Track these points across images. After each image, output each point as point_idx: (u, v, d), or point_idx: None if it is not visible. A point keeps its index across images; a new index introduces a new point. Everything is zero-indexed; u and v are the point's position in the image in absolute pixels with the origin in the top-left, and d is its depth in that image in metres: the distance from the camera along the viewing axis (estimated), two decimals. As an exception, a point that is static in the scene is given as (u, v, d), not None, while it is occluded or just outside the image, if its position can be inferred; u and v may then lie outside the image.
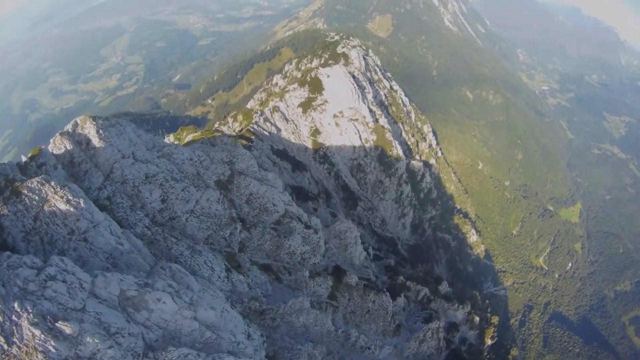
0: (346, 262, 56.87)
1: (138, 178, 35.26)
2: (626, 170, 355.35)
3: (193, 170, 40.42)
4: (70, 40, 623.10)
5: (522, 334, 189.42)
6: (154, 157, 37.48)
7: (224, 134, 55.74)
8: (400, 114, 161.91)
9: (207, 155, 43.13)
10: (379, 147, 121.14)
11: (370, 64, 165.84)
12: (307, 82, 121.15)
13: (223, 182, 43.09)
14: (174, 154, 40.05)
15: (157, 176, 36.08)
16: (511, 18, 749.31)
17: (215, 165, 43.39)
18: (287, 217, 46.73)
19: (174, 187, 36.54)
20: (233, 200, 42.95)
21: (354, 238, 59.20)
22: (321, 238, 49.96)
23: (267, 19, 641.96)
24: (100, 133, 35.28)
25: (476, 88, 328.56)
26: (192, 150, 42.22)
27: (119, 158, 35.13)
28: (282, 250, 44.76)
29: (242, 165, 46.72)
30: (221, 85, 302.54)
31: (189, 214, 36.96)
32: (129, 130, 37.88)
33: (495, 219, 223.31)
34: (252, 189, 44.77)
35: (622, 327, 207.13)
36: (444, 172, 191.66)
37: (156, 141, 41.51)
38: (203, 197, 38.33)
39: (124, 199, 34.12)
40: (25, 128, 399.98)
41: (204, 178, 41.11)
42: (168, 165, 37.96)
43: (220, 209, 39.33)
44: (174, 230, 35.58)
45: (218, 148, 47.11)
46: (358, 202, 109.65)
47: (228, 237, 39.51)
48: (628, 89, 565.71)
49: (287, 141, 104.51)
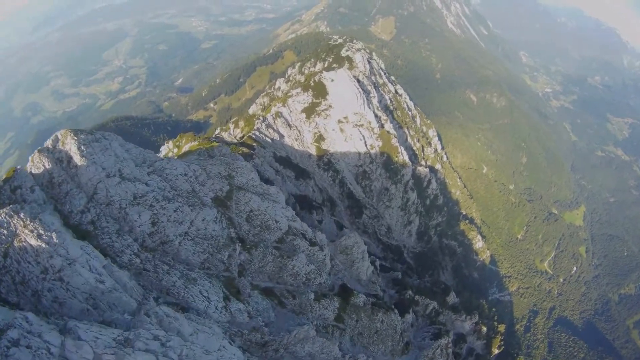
0: (352, 278, 54.25)
1: (125, 199, 32.12)
2: (630, 173, 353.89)
3: (187, 187, 37.63)
4: (72, 44, 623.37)
5: (527, 339, 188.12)
6: (143, 174, 34.47)
7: (222, 144, 52.07)
8: (405, 119, 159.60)
9: (204, 170, 40.37)
10: (384, 154, 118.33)
11: (374, 68, 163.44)
12: (311, 86, 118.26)
13: (221, 199, 40.08)
14: (167, 170, 37.06)
15: (146, 196, 32.91)
16: (513, 20, 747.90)
17: (213, 180, 40.44)
18: (290, 234, 43.63)
19: (165, 207, 33.45)
20: (232, 219, 39.82)
21: (361, 253, 56.34)
22: (327, 255, 47.27)
23: (270, 22, 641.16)
24: (82, 149, 32.17)
25: (480, 91, 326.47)
26: (186, 164, 39.11)
27: (103, 177, 31.95)
28: (286, 272, 41.62)
29: (241, 180, 43.80)
30: (223, 88, 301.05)
31: (182, 237, 33.86)
32: (115, 145, 34.92)
33: (500, 223, 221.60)
34: (252, 206, 41.61)
35: (626, 331, 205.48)
36: (449, 177, 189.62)
37: (147, 155, 38.20)
38: (198, 217, 35.25)
39: (109, 223, 30.99)
40: (27, 131, 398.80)
41: (199, 195, 38.13)
42: (159, 183, 34.98)
43: (217, 229, 36.28)
44: (166, 256, 32.58)
45: (216, 160, 44.10)
46: (363, 210, 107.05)
47: (226, 260, 36.28)
48: (631, 90, 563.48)
49: (291, 148, 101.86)
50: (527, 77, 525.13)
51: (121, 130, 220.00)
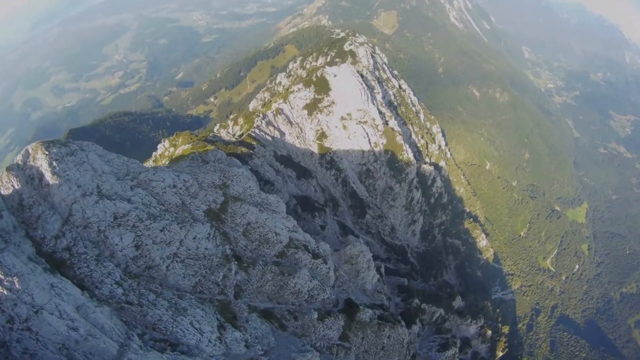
0: (357, 288, 51.12)
1: (104, 220, 28.05)
2: (632, 170, 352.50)
3: (177, 200, 33.84)
4: (72, 39, 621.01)
5: (529, 338, 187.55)
6: (126, 189, 30.62)
7: (216, 148, 47.71)
8: (409, 115, 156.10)
9: (195, 180, 36.57)
10: (388, 151, 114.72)
11: (378, 62, 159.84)
12: (313, 82, 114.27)
13: (214, 212, 36.33)
14: (153, 182, 33.01)
15: (128, 215, 28.89)
16: (516, 15, 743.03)
17: (205, 191, 36.73)
18: (291, 246, 39.94)
19: (150, 227, 29.42)
20: (227, 234, 36.01)
21: (367, 262, 53.00)
22: (331, 268, 43.74)
23: (271, 16, 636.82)
24: (54, 166, 28.00)
25: (483, 86, 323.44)
26: (175, 174, 35.20)
27: (78, 197, 27.89)
28: (287, 291, 38.05)
29: (237, 189, 39.88)
30: (224, 83, 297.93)
31: (170, 260, 29.93)
32: (93, 158, 30.90)
33: (503, 220, 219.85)
34: (249, 218, 37.72)
35: (628, 330, 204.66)
36: (453, 175, 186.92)
37: (131, 166, 34.11)
38: (189, 235, 31.33)
39: (88, 248, 26.97)
40: (27, 127, 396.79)
41: (190, 209, 34.36)
42: (144, 198, 31.16)
43: (210, 247, 32.56)
44: (153, 282, 28.86)
45: (209, 167, 40.15)
46: (367, 210, 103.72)
47: (221, 281, 32.64)
48: (633, 87, 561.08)
49: (292, 146, 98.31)
50: (530, 73, 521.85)
51: (120, 126, 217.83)
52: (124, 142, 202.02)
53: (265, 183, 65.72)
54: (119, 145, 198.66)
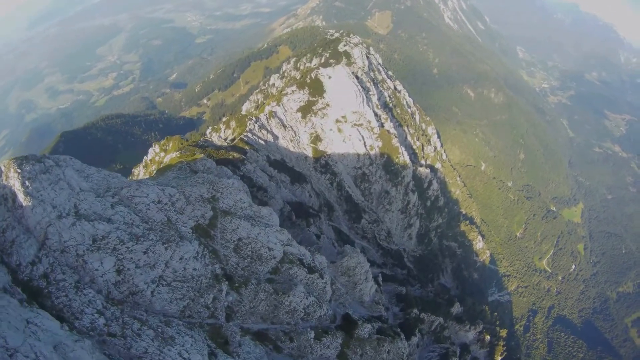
0: (355, 300, 49.32)
1: (82, 244, 25.28)
2: (627, 169, 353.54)
3: (162, 217, 31.22)
4: (67, 40, 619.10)
5: (526, 340, 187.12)
6: (106, 207, 28.03)
7: (206, 157, 44.79)
8: (404, 116, 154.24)
9: (182, 194, 33.98)
10: (384, 155, 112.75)
11: (373, 63, 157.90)
12: (307, 83, 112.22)
13: (203, 228, 33.71)
14: (136, 198, 30.47)
15: (108, 237, 26.19)
16: (510, 15, 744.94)
17: (193, 205, 34.17)
18: (286, 261, 37.69)
19: (132, 250, 26.70)
20: (216, 251, 33.44)
21: (364, 273, 50.91)
22: (327, 282, 41.62)
23: (265, 16, 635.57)
24: (26, 185, 25.23)
25: (478, 86, 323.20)
26: (160, 188, 32.43)
27: (53, 219, 25.21)
28: (281, 310, 35.57)
29: (227, 202, 37.20)
30: (217, 84, 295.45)
31: (155, 284, 27.30)
32: (69, 174, 27.98)
33: (499, 221, 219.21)
34: (241, 233, 35.13)
35: (625, 330, 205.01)
36: (449, 176, 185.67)
37: (112, 181, 31.48)
38: (175, 255, 28.59)
39: (66, 274, 24.44)
40: (22, 129, 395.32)
41: (176, 226, 31.70)
42: (126, 216, 28.53)
43: (199, 267, 29.95)
44: (138, 308, 26.28)
45: (198, 179, 37.39)
46: (362, 215, 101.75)
47: (211, 303, 30.26)
48: (628, 86, 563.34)
49: (285, 150, 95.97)
50: (524, 73, 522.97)
51: (112, 129, 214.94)
52: (116, 144, 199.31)
53: (258, 189, 63.76)
54: (111, 147, 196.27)
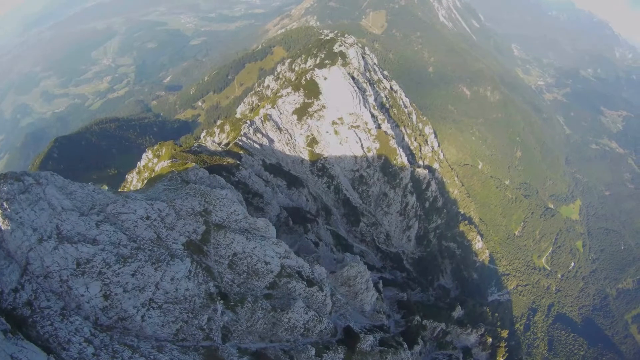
0: (355, 310, 47.77)
1: (65, 269, 23.34)
2: (625, 166, 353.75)
3: (151, 235, 29.08)
4: (62, 43, 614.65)
5: (527, 338, 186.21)
6: (90, 227, 25.91)
7: (197, 166, 42.35)
8: (401, 116, 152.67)
9: (172, 208, 31.94)
10: (382, 156, 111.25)
11: (369, 63, 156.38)
12: (302, 85, 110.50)
13: (195, 244, 31.65)
14: (122, 215, 28.42)
15: (93, 260, 24.11)
16: (504, 13, 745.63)
17: (184, 220, 32.05)
18: (284, 275, 35.75)
19: (119, 273, 24.73)
20: (210, 268, 31.41)
21: (365, 283, 49.43)
22: (327, 295, 39.72)
23: (259, 17, 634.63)
24: (4, 207, 23.35)
25: (473, 85, 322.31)
26: (149, 203, 30.45)
27: (34, 243, 23.18)
28: (280, 327, 33.56)
29: (221, 215, 35.01)
30: (212, 86, 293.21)
31: (146, 308, 25.27)
32: (51, 193, 25.97)
33: (497, 220, 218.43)
34: (235, 248, 33.10)
35: (625, 326, 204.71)
36: (447, 176, 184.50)
37: (97, 197, 29.07)
38: (166, 276, 26.60)
39: (51, 301, 22.62)
40: (17, 134, 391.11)
41: (167, 243, 29.65)
42: (112, 235, 26.46)
43: (192, 287, 28.02)
44: (128, 334, 24.37)
45: (189, 191, 35.21)
46: (361, 218, 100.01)
47: (206, 325, 28.14)
48: (624, 83, 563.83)
49: (281, 153, 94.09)
50: (520, 70, 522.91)
51: (106, 133, 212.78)
52: (110, 149, 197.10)
53: (253, 195, 62.18)
54: (105, 152, 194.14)
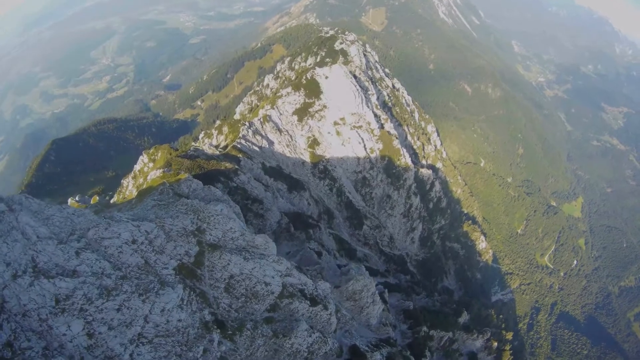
0: (361, 324, 45.41)
1: (44, 307, 20.72)
2: (626, 162, 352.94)
3: (137, 260, 26.00)
4: (61, 43, 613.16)
5: (530, 338, 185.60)
6: (70, 257, 22.83)
7: (191, 177, 38.90)
8: (404, 115, 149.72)
9: (161, 229, 28.69)
10: (385, 157, 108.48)
11: (370, 61, 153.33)
12: (303, 84, 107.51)
13: (188, 267, 28.60)
14: (105, 240, 25.21)
15: (73, 296, 21.24)
16: (504, 9, 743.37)
17: (175, 242, 28.82)
18: (285, 295, 32.91)
19: (103, 309, 21.90)
20: (205, 294, 28.56)
21: (371, 296, 46.87)
22: (332, 313, 36.64)
23: (259, 16, 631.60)
24: None
25: (474, 81, 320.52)
26: (135, 225, 27.17)
27: (8, 279, 20.60)
28: (283, 353, 30.73)
29: (216, 234, 31.66)
30: (211, 85, 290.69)
31: (134, 344, 22.44)
32: (24, 221, 23.18)
33: (500, 219, 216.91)
34: (232, 270, 30.07)
35: (628, 324, 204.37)
36: (450, 175, 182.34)
37: (77, 220, 25.89)
38: (155, 307, 23.72)
39: (32, 341, 19.99)
40: (17, 135, 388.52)
41: (156, 269, 26.62)
42: (95, 264, 23.40)
43: (185, 317, 25.05)
44: None
45: (180, 207, 31.88)
46: (364, 221, 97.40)
47: (201, 357, 25.14)
48: (624, 79, 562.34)
49: (282, 155, 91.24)
50: (520, 67, 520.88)
51: (104, 134, 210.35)
52: (108, 150, 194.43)
53: (253, 201, 59.76)
54: (103, 154, 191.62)
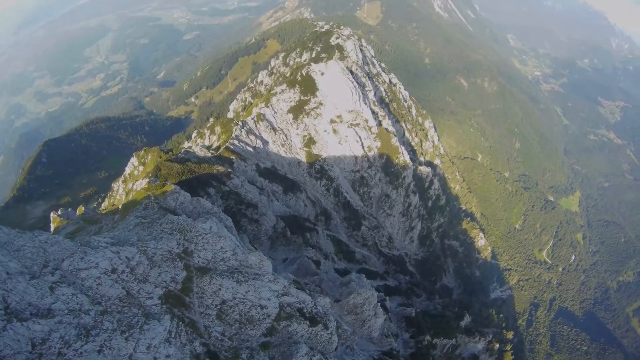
0: (363, 338, 43.07)
1: (20, 352, 17.82)
2: (623, 157, 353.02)
3: (119, 292, 23.17)
4: (55, 42, 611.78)
5: (529, 335, 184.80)
6: (44, 293, 19.90)
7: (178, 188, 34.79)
8: (401, 111, 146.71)
9: (144, 253, 25.49)
10: (383, 155, 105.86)
11: (367, 56, 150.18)
12: (298, 81, 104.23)
13: (175, 295, 25.80)
14: (82, 271, 22.19)
15: (50, 339, 18.42)
16: (499, 2, 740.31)
17: (159, 267, 25.82)
18: (282, 317, 30.18)
19: (82, 351, 18.89)
20: (195, 323, 25.64)
21: (373, 309, 44.10)
22: (333, 331, 33.90)
23: (253, 10, 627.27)
24: None
25: (471, 75, 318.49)
26: (114, 251, 24.02)
27: None
28: None
29: (205, 255, 28.45)
30: (205, 82, 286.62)
31: None
32: None
33: (498, 214, 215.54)
34: (224, 296, 27.26)
35: (626, 319, 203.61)
36: (448, 171, 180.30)
37: (50, 250, 22.58)
38: (140, 344, 20.77)
39: None
40: (11, 135, 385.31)
41: (139, 300, 23.88)
42: (71, 300, 20.45)
43: (173, 352, 22.18)
44: None
45: (165, 227, 28.42)
46: (362, 221, 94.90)
47: None
48: (620, 73, 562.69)
49: (277, 155, 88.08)
50: (516, 61, 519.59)
51: (96, 134, 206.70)
52: (100, 151, 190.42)
53: (247, 206, 57.00)
54: (95, 154, 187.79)
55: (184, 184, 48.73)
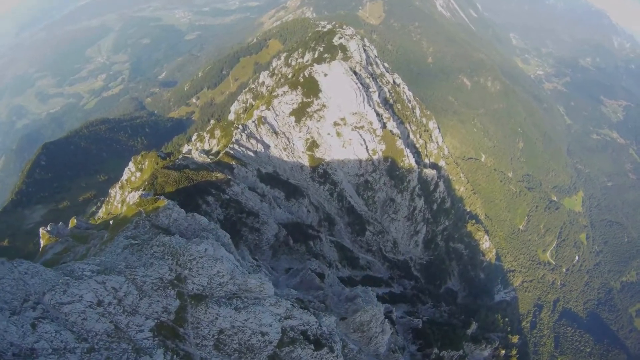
0: (370, 355, 41.29)
1: None
2: (627, 156, 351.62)
3: (106, 326, 21.06)
4: (56, 43, 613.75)
5: (533, 336, 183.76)
6: (26, 331, 17.91)
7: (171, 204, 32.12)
8: (406, 112, 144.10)
9: (132, 282, 23.47)
10: (388, 159, 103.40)
11: (370, 56, 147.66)
12: (300, 83, 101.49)
13: (168, 327, 23.66)
14: (65, 306, 20.23)
15: None
16: (502, 2, 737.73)
17: (149, 297, 23.76)
18: (285, 343, 28.02)
19: None
20: (190, 356, 23.71)
21: (380, 325, 42.25)
22: (339, 354, 31.52)
23: (255, 10, 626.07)
24: None
25: (474, 75, 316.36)
26: (100, 281, 22.06)
27: None
28: None
29: (200, 281, 26.33)
30: (206, 82, 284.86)
31: None
32: None
33: (502, 215, 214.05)
34: (222, 325, 25.15)
35: (629, 320, 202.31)
36: (452, 173, 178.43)
37: (31, 282, 20.54)
38: None
39: None
40: (13, 136, 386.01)
41: (129, 334, 21.82)
42: (55, 338, 18.46)
43: None
44: None
45: (156, 251, 26.08)
46: (366, 227, 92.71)
47: None
48: (622, 72, 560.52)
49: (278, 160, 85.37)
50: (519, 60, 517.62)
51: (96, 136, 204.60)
52: (100, 153, 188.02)
53: (248, 215, 55.00)
54: (95, 157, 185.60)
55: (181, 193, 46.84)
